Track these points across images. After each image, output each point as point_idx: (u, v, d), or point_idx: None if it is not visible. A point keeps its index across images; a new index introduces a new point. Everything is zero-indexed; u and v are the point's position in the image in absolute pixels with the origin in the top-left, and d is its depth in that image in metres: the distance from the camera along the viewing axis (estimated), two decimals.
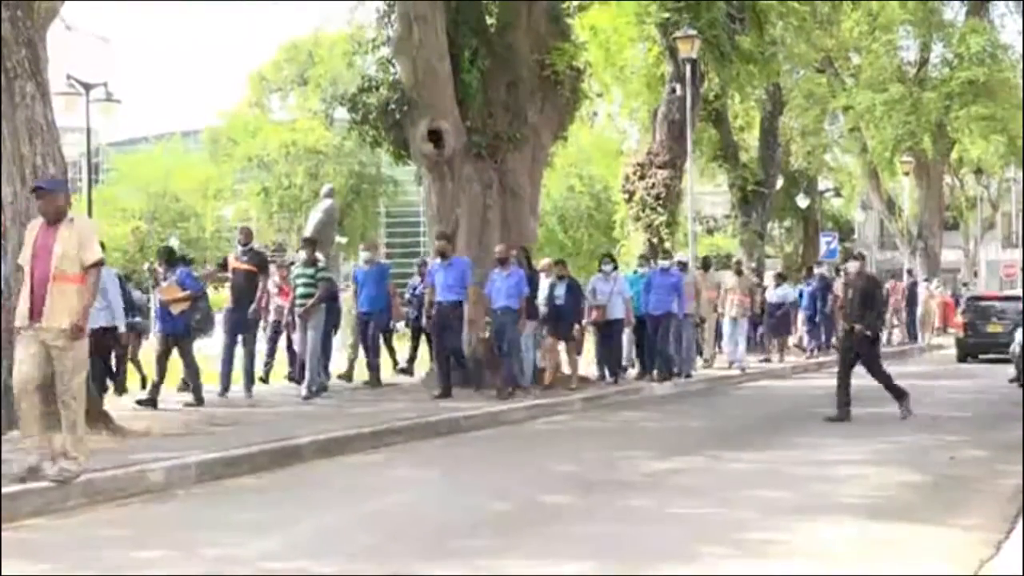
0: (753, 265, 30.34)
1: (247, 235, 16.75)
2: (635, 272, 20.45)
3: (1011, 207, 60.22)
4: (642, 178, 24.80)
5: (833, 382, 14.21)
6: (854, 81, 37.94)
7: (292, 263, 18.70)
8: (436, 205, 18.05)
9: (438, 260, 16.41)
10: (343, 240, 33.33)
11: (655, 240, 23.83)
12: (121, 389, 15.51)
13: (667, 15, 22.52)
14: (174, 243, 51.14)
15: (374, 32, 19.59)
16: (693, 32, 21.68)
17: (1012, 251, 58.35)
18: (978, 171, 50.26)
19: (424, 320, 17.64)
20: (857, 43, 37.22)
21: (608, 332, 18.81)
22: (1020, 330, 19.43)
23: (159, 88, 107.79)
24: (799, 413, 15.81)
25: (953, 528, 7.90)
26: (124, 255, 52.28)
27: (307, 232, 20.35)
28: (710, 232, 45.38)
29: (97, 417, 11.52)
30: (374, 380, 17.47)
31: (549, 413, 15.28)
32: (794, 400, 17.76)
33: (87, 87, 24.67)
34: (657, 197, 24.46)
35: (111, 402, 13.50)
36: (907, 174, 39.41)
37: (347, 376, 18.09)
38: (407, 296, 20.04)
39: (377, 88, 18.22)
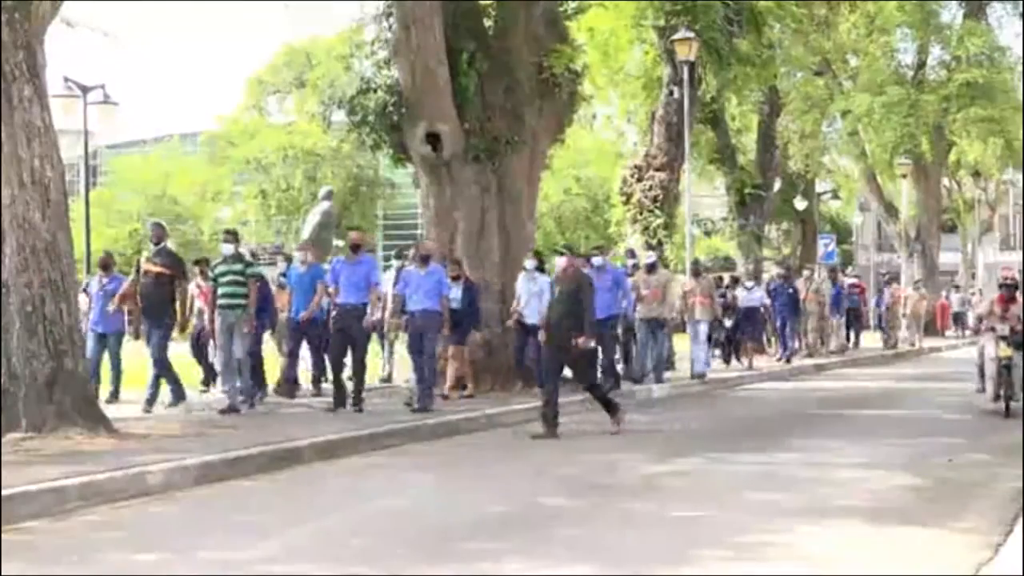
0: (751, 267, 30.38)
1: (159, 232, 14.95)
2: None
3: (1009, 209, 60.32)
4: (640, 180, 24.82)
5: (831, 384, 14.20)
6: (852, 84, 37.98)
7: (205, 259, 17.43)
8: (434, 208, 18.07)
9: (343, 256, 15.06)
10: (341, 243, 33.30)
11: (653, 242, 23.84)
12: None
13: (664, 18, 22.54)
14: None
15: (372, 34, 19.58)
16: (691, 35, 21.70)
17: (1010, 253, 58.43)
18: (976, 173, 50.33)
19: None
20: (855, 45, 37.27)
21: (526, 337, 16.74)
22: (989, 342, 15.56)
23: (157, 91, 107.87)
24: (798, 415, 15.82)
25: (951, 531, 7.91)
26: (122, 258, 52.25)
27: (304, 235, 20.28)
28: (708, 234, 45.37)
29: (96, 419, 11.55)
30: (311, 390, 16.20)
31: None
32: (793, 402, 17.76)
33: (85, 89, 24.66)
34: (655, 199, 24.48)
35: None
36: (904, 176, 39.48)
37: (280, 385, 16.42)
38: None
39: (375, 91, 18.21)
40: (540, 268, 16.84)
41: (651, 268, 19.46)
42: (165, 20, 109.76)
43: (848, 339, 30.62)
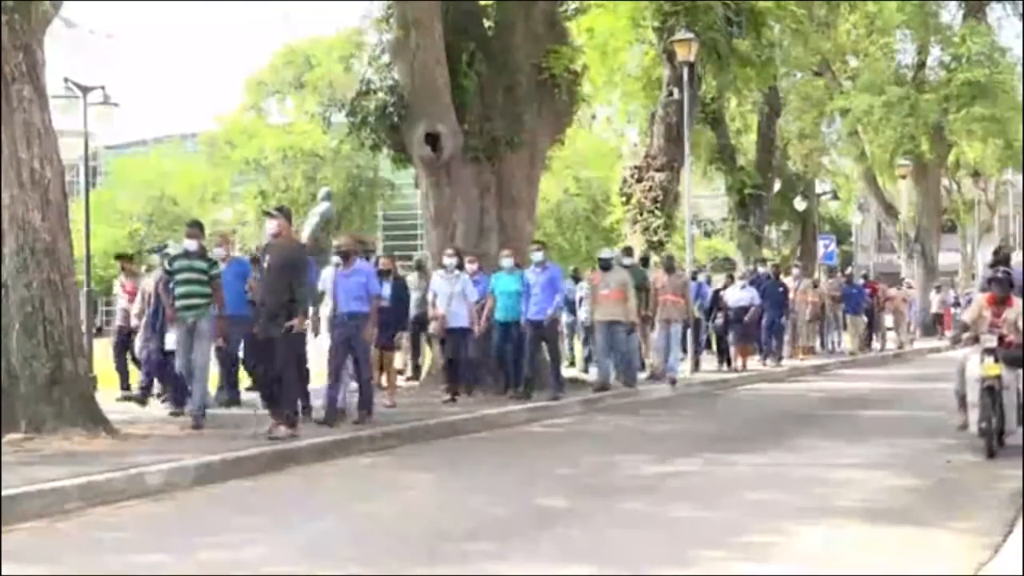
0: (751, 267, 30.36)
1: None
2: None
3: (1008, 210, 60.30)
4: (640, 181, 24.84)
5: (830, 385, 14.03)
6: (852, 84, 38.01)
7: (127, 255, 16.35)
8: (433, 208, 18.09)
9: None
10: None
11: (653, 242, 23.84)
12: None
13: (663, 18, 22.55)
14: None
15: (374, 38, 19.60)
16: (690, 35, 21.70)
17: (1012, 255, 58.25)
18: (975, 174, 50.35)
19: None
20: (854, 46, 37.32)
21: (450, 342, 15.86)
22: (972, 359, 11.54)
23: (157, 91, 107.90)
24: (797, 416, 15.81)
25: (951, 531, 7.91)
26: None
27: (303, 236, 20.27)
28: (708, 235, 45.35)
29: (96, 419, 11.56)
30: (232, 399, 14.65)
31: (547, 416, 15.28)
32: (792, 403, 17.76)
33: (84, 90, 24.64)
34: (655, 200, 24.49)
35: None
36: (904, 177, 39.51)
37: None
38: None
39: (375, 92, 18.24)
40: (460, 266, 15.98)
41: (606, 266, 17.88)
42: (165, 21, 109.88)
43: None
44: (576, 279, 22.09)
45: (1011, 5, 38.12)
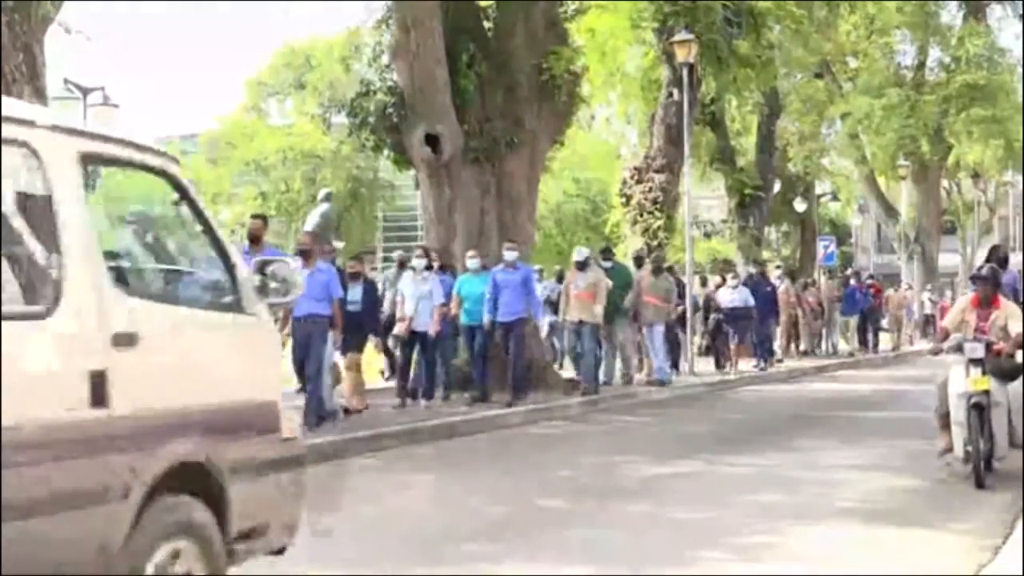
0: (751, 269, 30.35)
1: None
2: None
3: (1008, 211, 60.27)
4: (639, 182, 24.79)
5: (830, 386, 14.06)
6: (852, 85, 38.00)
7: None
8: (433, 210, 18.09)
9: (246, 246, 12.74)
10: (340, 245, 33.28)
11: (652, 244, 23.81)
12: None
13: (663, 19, 22.51)
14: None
15: (372, 36, 19.61)
16: (690, 36, 21.67)
17: (1010, 255, 58.19)
18: (975, 175, 50.33)
19: None
20: (854, 47, 37.29)
21: (415, 346, 15.39)
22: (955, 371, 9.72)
23: (157, 92, 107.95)
24: (796, 417, 15.82)
25: (950, 532, 7.92)
26: None
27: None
28: (707, 236, 45.37)
29: None
30: None
31: (546, 417, 15.28)
32: (791, 404, 17.77)
33: (84, 91, 24.66)
34: (654, 201, 24.44)
35: None
36: (904, 178, 39.49)
37: None
38: None
39: (375, 93, 18.24)
40: (429, 267, 15.60)
41: (582, 266, 17.34)
42: (165, 22, 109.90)
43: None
44: (561, 279, 22.06)
45: (1011, 5, 38.08)
